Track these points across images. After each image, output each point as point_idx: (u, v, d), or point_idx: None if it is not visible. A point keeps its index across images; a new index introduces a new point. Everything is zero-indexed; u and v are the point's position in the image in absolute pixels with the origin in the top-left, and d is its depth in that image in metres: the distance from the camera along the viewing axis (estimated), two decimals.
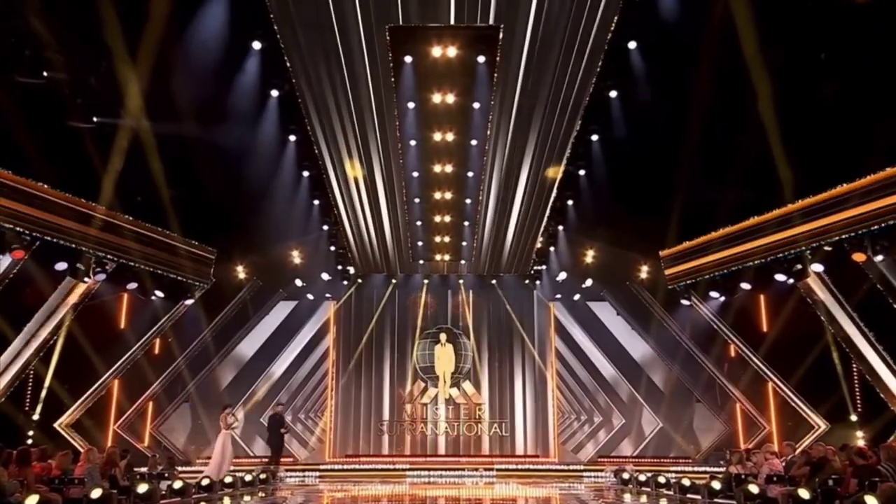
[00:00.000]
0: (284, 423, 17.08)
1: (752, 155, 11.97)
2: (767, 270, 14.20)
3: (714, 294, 16.04)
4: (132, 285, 14.91)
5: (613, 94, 12.41)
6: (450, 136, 14.31)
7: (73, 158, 12.11)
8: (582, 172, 15.08)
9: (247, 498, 12.72)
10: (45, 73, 10.87)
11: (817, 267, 13.29)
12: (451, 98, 13.09)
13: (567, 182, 15.55)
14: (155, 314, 17.13)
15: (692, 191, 13.48)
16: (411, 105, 13.28)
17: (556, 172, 15.12)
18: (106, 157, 12.16)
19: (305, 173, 15.21)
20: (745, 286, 15.05)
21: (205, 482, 12.66)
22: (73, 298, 14.21)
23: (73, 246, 12.95)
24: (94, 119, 12.11)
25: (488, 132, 13.73)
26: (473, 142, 14.41)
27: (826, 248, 12.79)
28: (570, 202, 16.53)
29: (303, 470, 17.68)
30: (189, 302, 16.84)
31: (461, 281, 21.90)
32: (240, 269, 19.20)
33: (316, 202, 16.55)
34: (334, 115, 13.16)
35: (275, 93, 12.44)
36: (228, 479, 13.17)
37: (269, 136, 13.37)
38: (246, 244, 17.79)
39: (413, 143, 14.40)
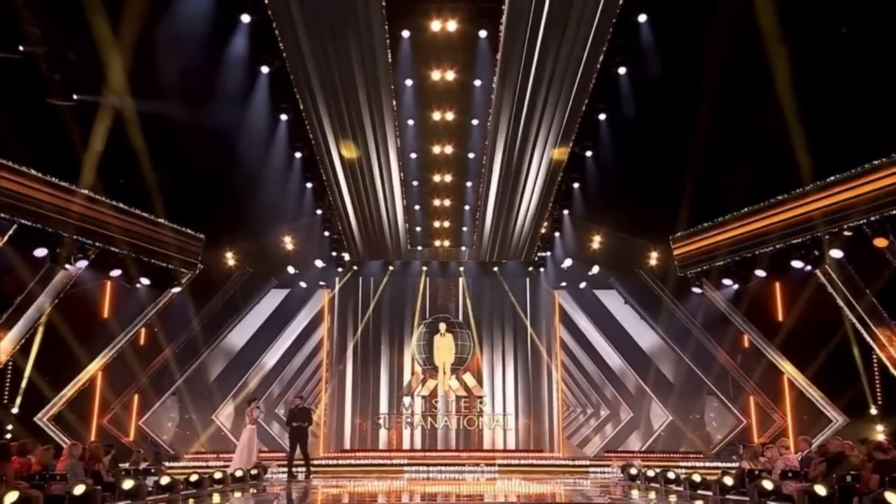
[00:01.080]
0: (310, 416, 17.06)
1: (768, 136, 11.89)
2: (784, 256, 14.16)
3: (727, 281, 16.01)
4: (116, 272, 14.85)
5: (622, 70, 12.31)
6: (450, 116, 14.23)
7: (52, 138, 12.03)
8: (589, 154, 15.04)
9: (237, 494, 12.72)
10: (20, 48, 10.78)
11: (836, 253, 13.24)
12: (451, 75, 13.02)
13: (573, 164, 15.47)
14: (140, 303, 17.10)
15: (705, 173, 13.42)
16: (409, 82, 13.20)
17: (561, 154, 15.02)
18: (87, 136, 12.08)
19: (298, 154, 15.13)
20: (760, 273, 15.01)
21: (218, 475, 12.89)
22: (54, 286, 14.15)
23: (53, 231, 12.88)
24: (74, 96, 12.01)
25: (490, 111, 13.63)
26: (475, 121, 14.33)
27: (846, 232, 12.75)
28: (576, 185, 16.46)
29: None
30: (176, 290, 16.81)
31: (461, 268, 21.84)
32: (229, 255, 19.16)
33: (309, 185, 16.49)
34: (328, 93, 13.04)
35: (265, 69, 12.33)
36: (218, 476, 13.18)
37: (260, 115, 13.29)
38: (235, 229, 17.74)
39: (411, 122, 14.32)
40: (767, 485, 10.18)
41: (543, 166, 15.48)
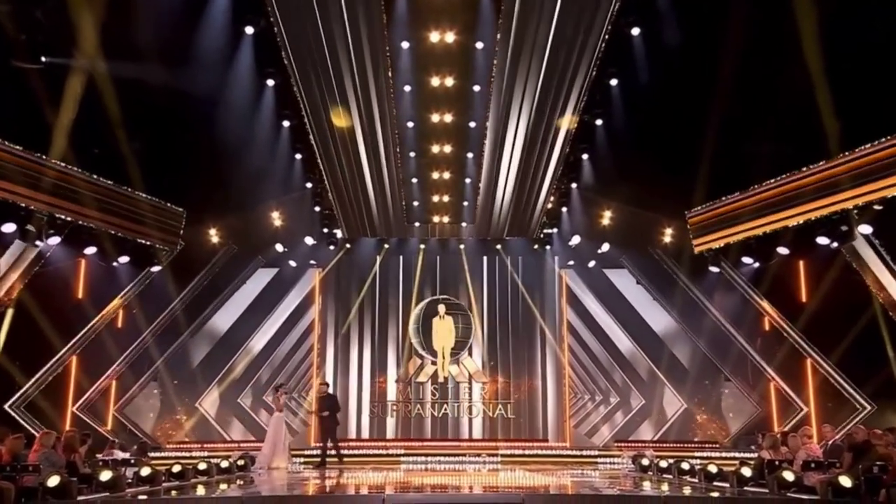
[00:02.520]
0: (336, 404, 17.04)
1: (793, 102, 11.78)
2: (808, 232, 14.10)
3: (747, 259, 15.94)
4: (91, 250, 14.80)
5: (636, 31, 12.15)
6: (449, 81, 14.12)
7: (19, 104, 11.91)
8: (599, 122, 14.91)
9: (223, 486, 12.73)
10: None
11: (865, 228, 13.17)
12: (450, 37, 12.89)
13: (582, 133, 15.36)
14: (118, 282, 17.06)
15: (724, 143, 13.33)
16: (405, 45, 13.06)
17: (569, 122, 14.93)
18: (57, 102, 11.97)
19: (285, 123, 15.01)
20: (783, 251, 14.95)
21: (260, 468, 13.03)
22: (24, 265, 14.11)
23: (22, 205, 12.81)
24: (42, 59, 11.88)
25: (493, 76, 13.51)
26: (476, 87, 14.22)
27: (876, 206, 12.68)
28: (584, 156, 16.37)
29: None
30: (156, 269, 16.77)
31: (462, 246, 21.78)
32: (213, 232, 19.09)
33: (298, 156, 16.38)
34: (318, 57, 12.92)
35: (249, 29, 12.15)
36: (203, 466, 13.20)
37: (244, 80, 13.16)
38: (219, 204, 17.64)
39: (407, 88, 14.22)
40: (788, 476, 10.18)
41: (550, 135, 15.40)
